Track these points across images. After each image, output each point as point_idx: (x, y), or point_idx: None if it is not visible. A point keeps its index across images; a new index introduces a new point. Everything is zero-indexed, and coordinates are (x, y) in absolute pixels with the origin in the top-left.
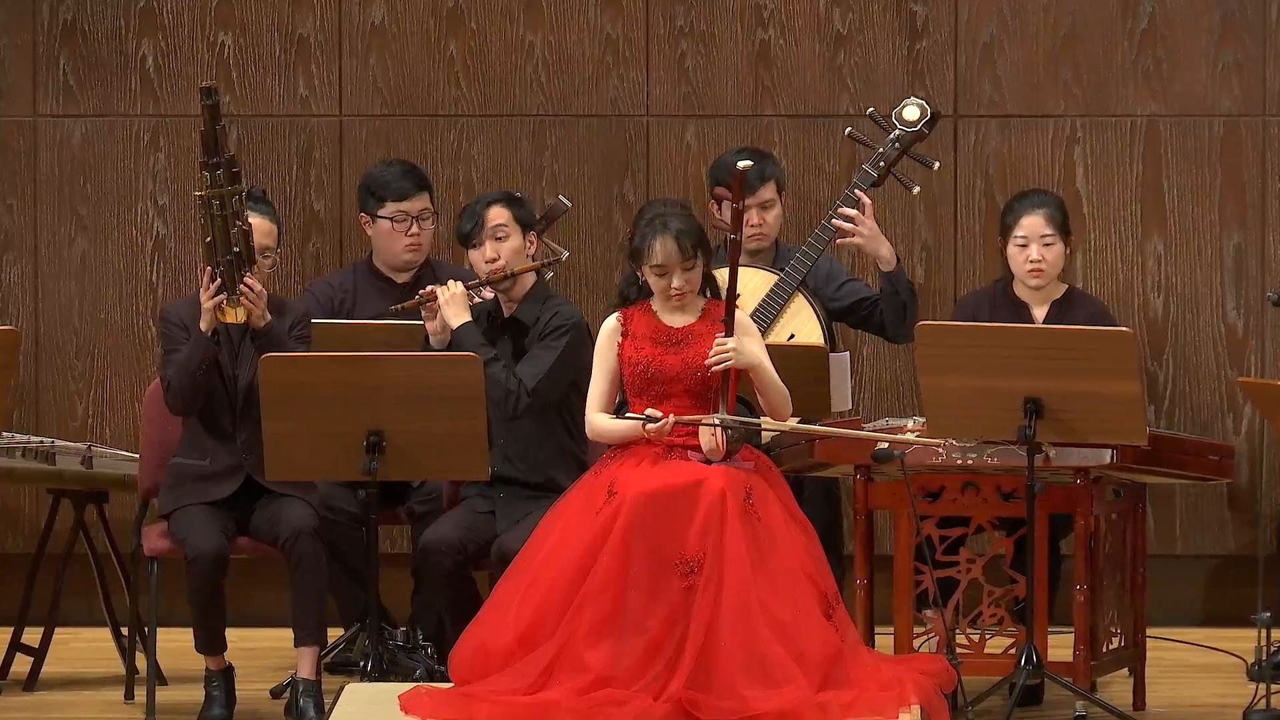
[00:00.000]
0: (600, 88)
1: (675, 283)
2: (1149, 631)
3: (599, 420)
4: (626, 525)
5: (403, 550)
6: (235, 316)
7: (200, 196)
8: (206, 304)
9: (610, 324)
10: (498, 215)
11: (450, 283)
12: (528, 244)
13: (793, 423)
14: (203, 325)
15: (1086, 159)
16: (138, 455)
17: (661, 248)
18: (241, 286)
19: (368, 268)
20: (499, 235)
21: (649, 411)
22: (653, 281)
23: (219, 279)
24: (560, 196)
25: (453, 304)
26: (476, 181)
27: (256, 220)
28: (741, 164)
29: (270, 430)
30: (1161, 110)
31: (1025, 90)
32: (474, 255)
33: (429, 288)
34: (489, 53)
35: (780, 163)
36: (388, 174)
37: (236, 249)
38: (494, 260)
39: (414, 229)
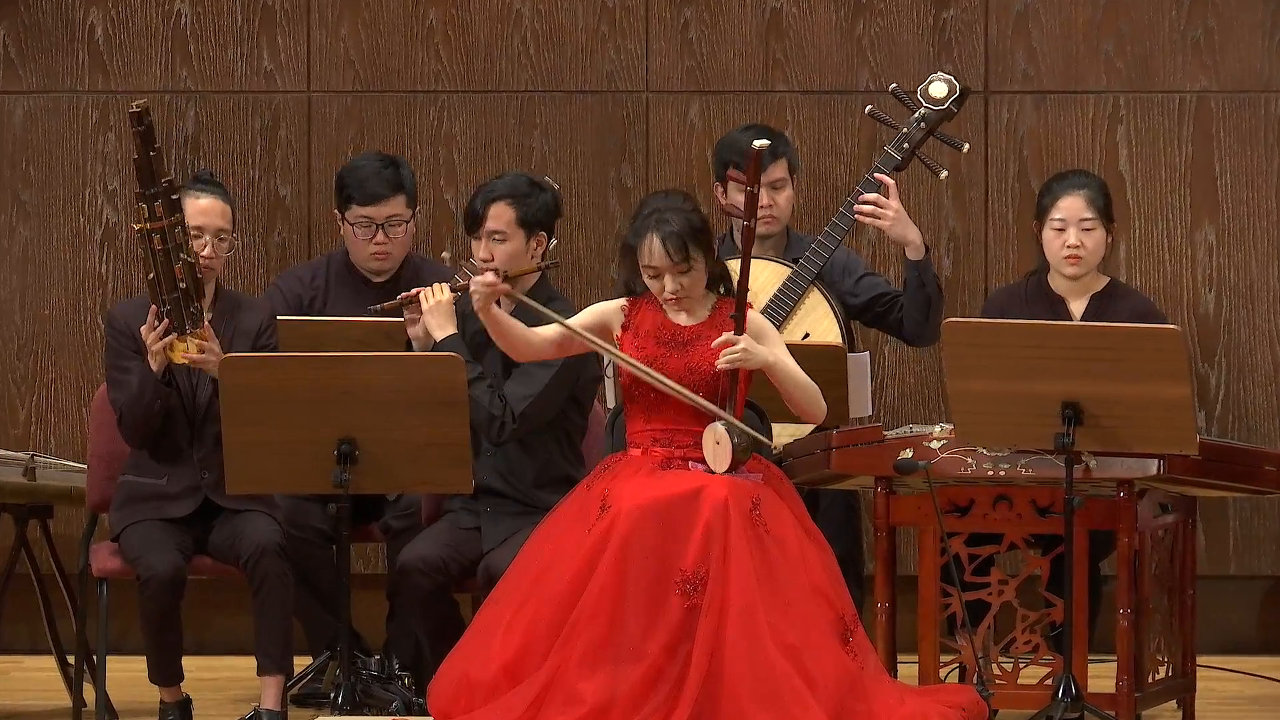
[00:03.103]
0: (595, 60)
1: (669, 287)
2: (1199, 660)
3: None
4: (622, 541)
5: (377, 570)
6: (187, 352)
7: (138, 230)
8: (154, 346)
9: (616, 304)
10: (498, 217)
11: (435, 287)
12: (533, 246)
13: (801, 434)
14: (153, 365)
15: (1130, 139)
16: (85, 466)
17: (649, 249)
18: (196, 344)
19: (342, 262)
20: (496, 239)
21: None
22: (648, 283)
23: (165, 319)
24: (546, 178)
25: (436, 314)
26: (458, 164)
27: (208, 202)
28: (757, 143)
29: (231, 439)
30: (1213, 86)
31: (1063, 63)
32: (474, 245)
33: (414, 289)
34: (472, 22)
35: (793, 142)
36: (360, 172)
37: (183, 284)
38: (488, 261)
39: (379, 236)
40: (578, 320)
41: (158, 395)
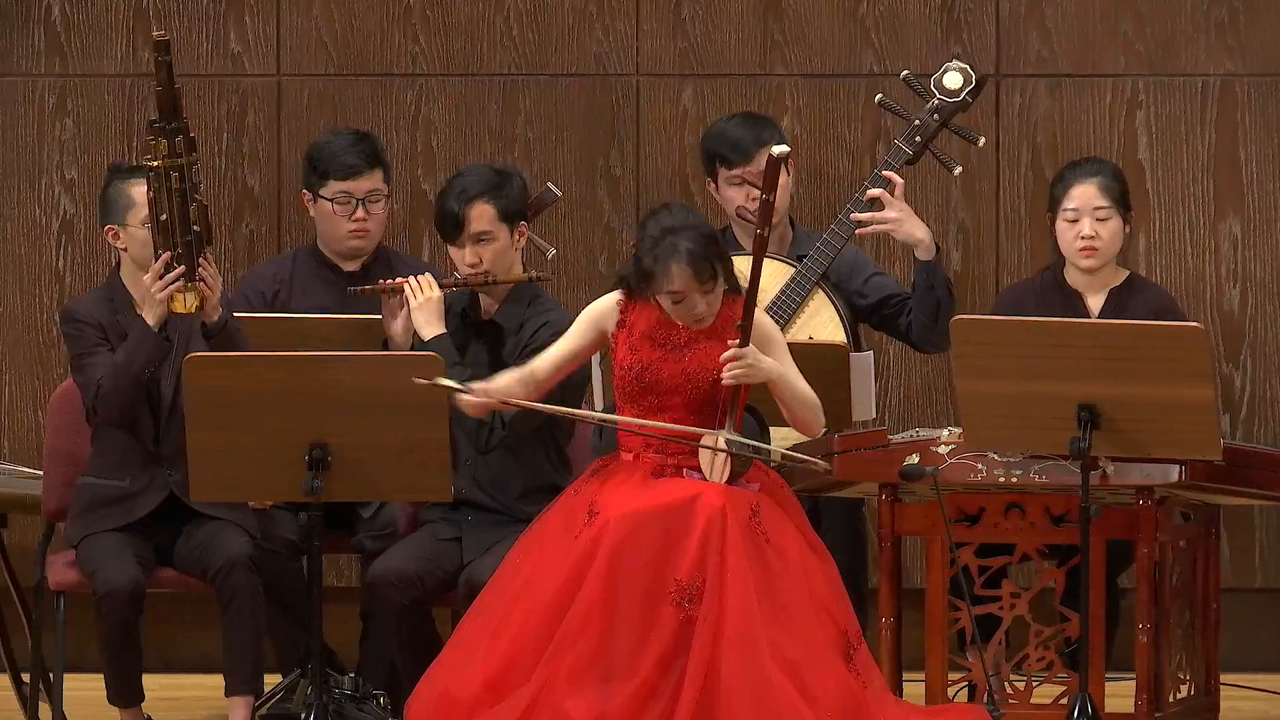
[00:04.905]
0: (582, 42)
1: (699, 309)
2: (1223, 678)
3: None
4: (612, 551)
5: (351, 584)
6: (185, 305)
7: (155, 167)
8: (161, 293)
9: (609, 301)
10: (480, 217)
11: (424, 280)
12: (517, 238)
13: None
14: (150, 319)
15: (1150, 126)
16: (41, 471)
17: (673, 276)
18: (200, 272)
19: (311, 253)
20: (481, 240)
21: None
22: (670, 308)
23: (179, 264)
24: (550, 185)
25: (425, 310)
26: (437, 151)
27: (141, 189)
28: (777, 150)
29: (196, 444)
30: (1238, 69)
31: (1079, 45)
32: (453, 252)
33: (398, 279)
34: (452, 1)
35: (792, 130)
36: (333, 146)
37: (196, 227)
38: (475, 264)
39: (359, 213)
40: (573, 333)
41: (156, 353)
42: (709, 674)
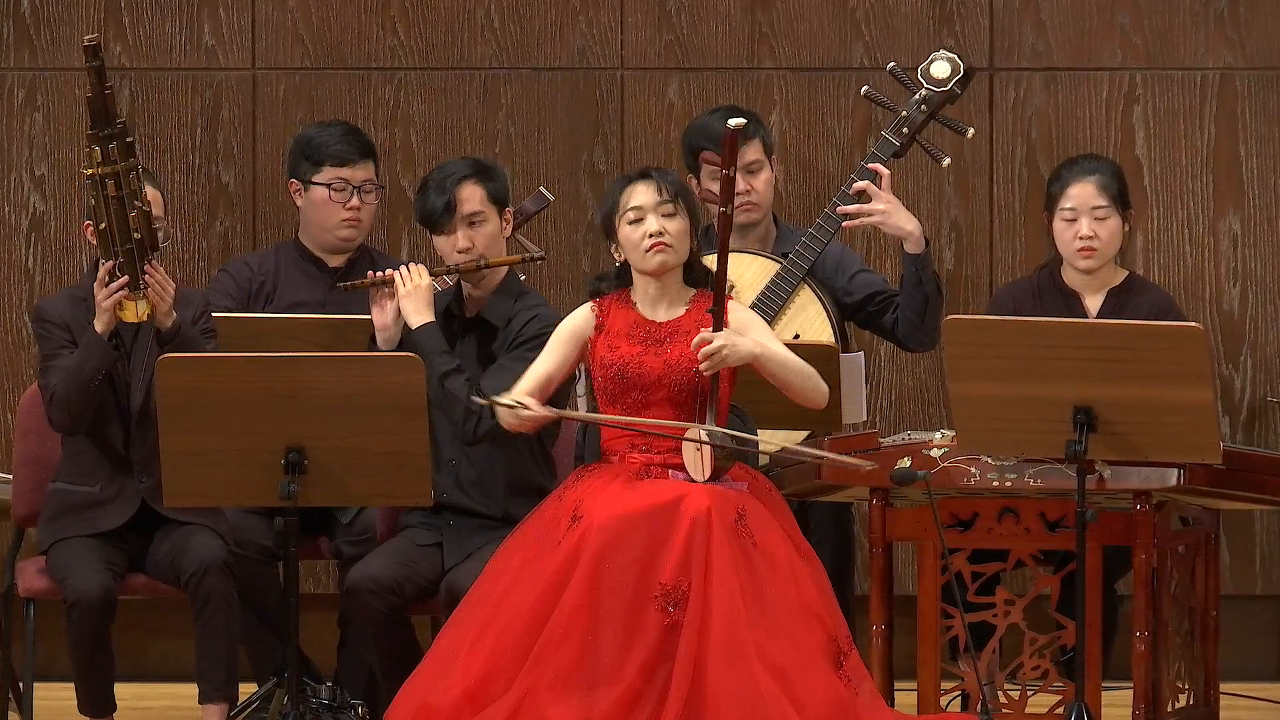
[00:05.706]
0: (565, 35)
1: (652, 227)
2: (1223, 687)
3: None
4: (595, 555)
5: (328, 590)
6: (136, 314)
7: (90, 175)
8: (105, 301)
9: (583, 313)
10: (471, 198)
11: (414, 269)
12: (504, 224)
13: (794, 440)
14: (98, 326)
15: (1148, 120)
16: (10, 476)
17: (633, 190)
18: (146, 278)
19: (293, 247)
20: (474, 222)
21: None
22: (629, 238)
23: (122, 273)
24: (541, 189)
25: (414, 298)
26: (417, 147)
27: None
28: (732, 122)
29: (169, 447)
30: (1238, 62)
31: (1075, 38)
32: (441, 243)
33: (387, 270)
34: None
35: (780, 124)
36: (327, 134)
37: (137, 234)
38: (467, 249)
39: (354, 201)
40: (552, 351)
41: (103, 361)
42: (695, 678)
